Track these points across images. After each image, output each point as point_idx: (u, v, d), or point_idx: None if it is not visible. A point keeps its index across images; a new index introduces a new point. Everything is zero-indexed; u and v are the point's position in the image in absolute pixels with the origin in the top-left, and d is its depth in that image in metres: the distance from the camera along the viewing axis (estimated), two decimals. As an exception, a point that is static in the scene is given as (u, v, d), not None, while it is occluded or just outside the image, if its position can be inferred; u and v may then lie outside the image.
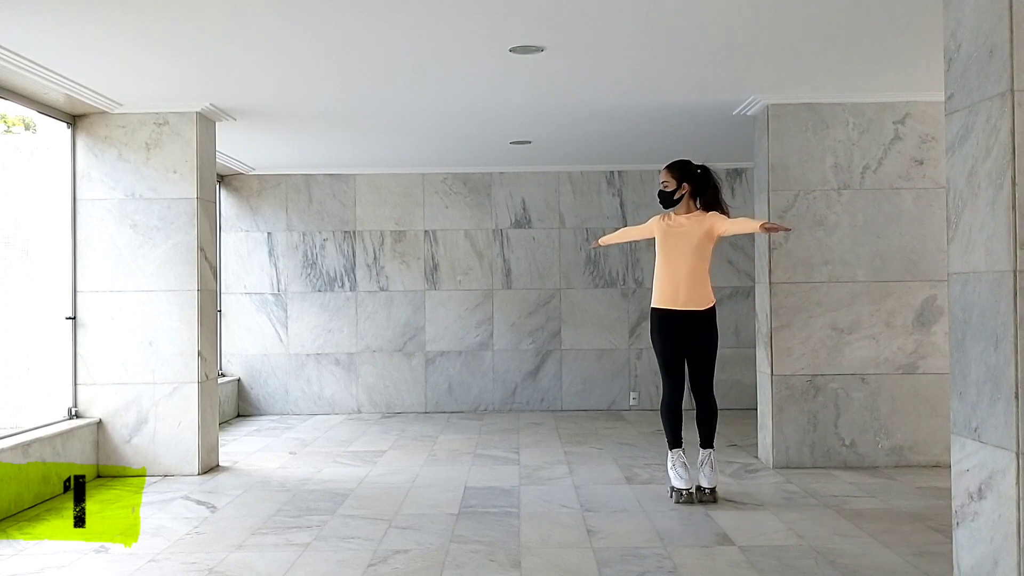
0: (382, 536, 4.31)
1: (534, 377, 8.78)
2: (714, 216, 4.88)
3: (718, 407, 5.07)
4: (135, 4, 3.92)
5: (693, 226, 4.88)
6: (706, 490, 4.95)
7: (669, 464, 5.00)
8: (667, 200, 4.98)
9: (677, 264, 4.89)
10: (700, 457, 5.01)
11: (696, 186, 4.95)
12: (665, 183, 4.99)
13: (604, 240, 5.57)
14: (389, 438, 7.28)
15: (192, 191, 5.83)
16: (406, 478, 5.67)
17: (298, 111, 6.07)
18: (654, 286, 5.03)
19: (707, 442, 4.99)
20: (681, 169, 4.98)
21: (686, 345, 4.92)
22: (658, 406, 8.58)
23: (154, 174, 5.85)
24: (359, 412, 8.76)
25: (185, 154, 5.84)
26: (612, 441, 6.98)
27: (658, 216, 5.11)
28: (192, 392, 5.81)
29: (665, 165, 5.07)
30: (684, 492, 4.92)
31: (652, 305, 5.03)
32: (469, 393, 8.80)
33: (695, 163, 5.03)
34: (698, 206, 4.98)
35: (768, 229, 4.59)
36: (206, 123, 6.03)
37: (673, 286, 4.89)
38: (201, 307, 5.86)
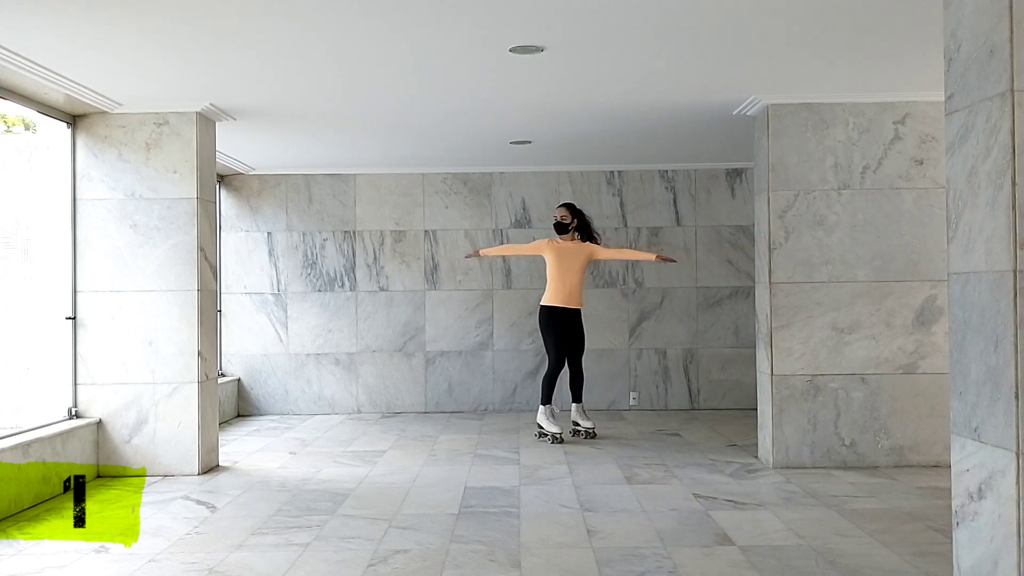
0: (382, 536, 4.31)
1: (534, 377, 8.78)
2: (591, 245, 7.01)
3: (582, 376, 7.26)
4: (135, 4, 3.92)
5: (578, 250, 6.97)
6: (589, 430, 7.06)
7: (545, 415, 6.96)
8: (563, 230, 7.01)
9: (568, 276, 6.90)
10: (575, 408, 7.11)
11: (580, 223, 7.02)
12: (564, 217, 7.02)
13: (485, 252, 7.39)
14: (389, 438, 7.28)
15: (192, 191, 5.83)
16: (406, 478, 5.67)
17: (298, 111, 6.07)
18: (549, 290, 6.95)
19: (578, 398, 7.16)
20: (574, 209, 7.08)
21: (570, 334, 6.99)
22: (659, 406, 8.66)
23: (154, 174, 5.85)
24: (359, 412, 8.76)
25: (185, 154, 5.84)
26: (612, 441, 6.98)
27: (546, 240, 7.12)
28: (192, 392, 5.81)
29: (562, 204, 7.17)
30: (558, 436, 6.87)
31: (548, 304, 6.96)
32: (469, 393, 8.80)
33: (578, 206, 7.31)
34: (577, 237, 7.02)
35: (662, 260, 6.91)
36: (206, 123, 6.03)
37: (566, 291, 6.92)
38: (201, 307, 5.86)
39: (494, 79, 5.24)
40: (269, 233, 8.79)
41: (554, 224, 7.07)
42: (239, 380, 8.74)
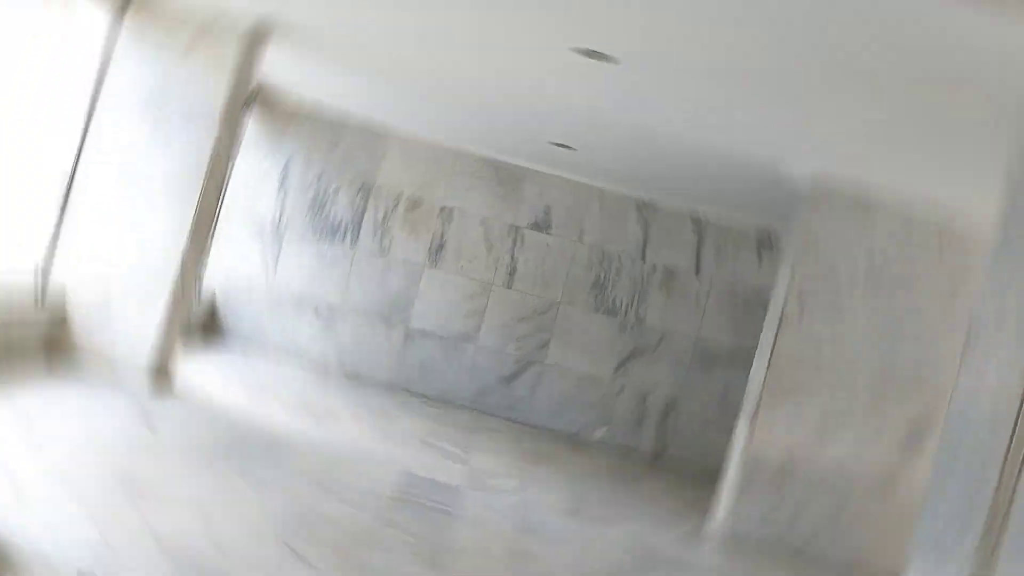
0: (318, 502, 4.14)
1: (509, 383, 8.57)
2: None
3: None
4: None
5: None
6: None
7: None
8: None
9: None
10: None
11: None
12: None
13: None
14: (348, 403, 7.11)
15: (221, 101, 5.65)
16: (353, 448, 5.52)
17: (354, 43, 5.81)
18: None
19: None
20: None
21: None
22: (628, 445, 8.42)
23: (188, 76, 5.66)
24: (326, 368, 8.54)
25: (223, 63, 5.65)
26: (571, 468, 6.80)
27: None
28: (164, 300, 5.61)
29: None
30: None
31: None
32: (441, 379, 8.58)
33: None
34: None
35: None
36: (252, 35, 5.81)
37: None
38: (198, 218, 5.68)
39: (558, 76, 5.05)
40: (286, 164, 8.58)
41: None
42: (215, 302, 8.51)
